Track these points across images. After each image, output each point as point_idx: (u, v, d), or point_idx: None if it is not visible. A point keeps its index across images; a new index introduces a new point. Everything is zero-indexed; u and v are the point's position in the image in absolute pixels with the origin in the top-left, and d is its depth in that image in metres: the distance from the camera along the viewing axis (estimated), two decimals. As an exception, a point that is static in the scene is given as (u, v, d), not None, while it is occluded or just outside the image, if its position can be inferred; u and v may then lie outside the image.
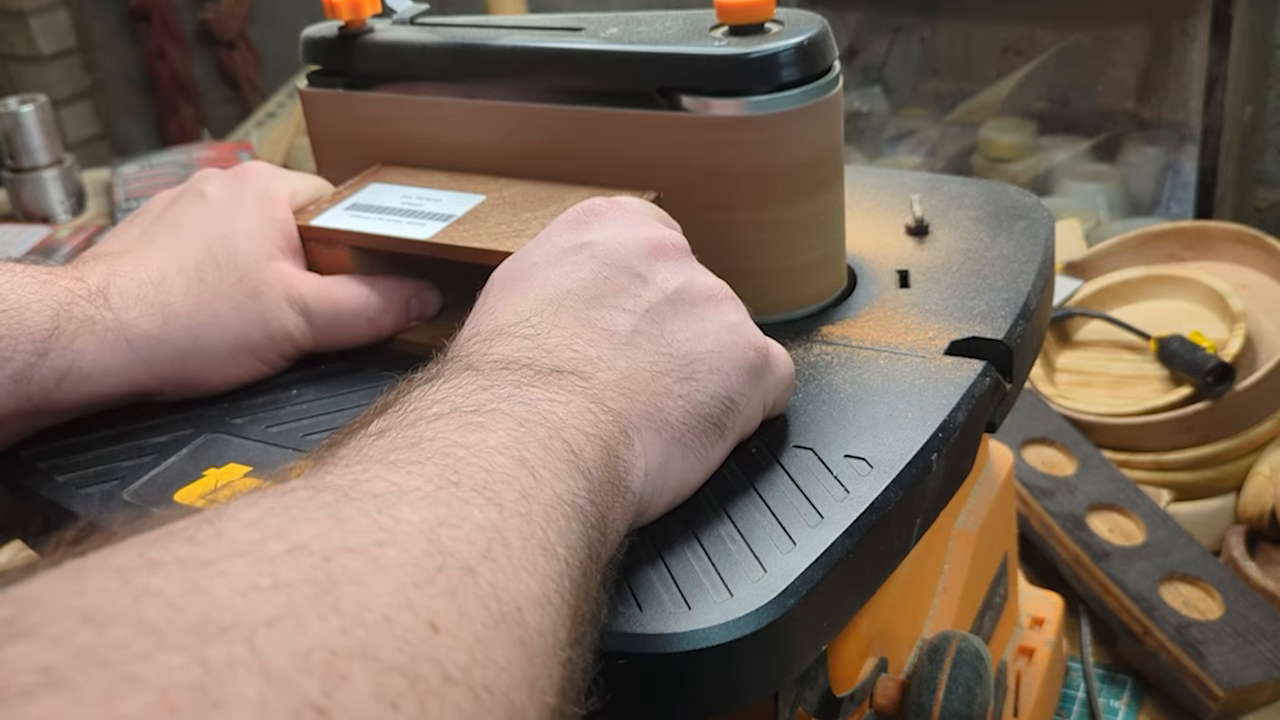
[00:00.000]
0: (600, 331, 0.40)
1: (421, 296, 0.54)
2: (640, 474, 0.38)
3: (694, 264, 0.44)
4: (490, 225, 0.52)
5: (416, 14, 0.61)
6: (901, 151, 1.88)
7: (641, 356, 0.40)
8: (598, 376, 0.38)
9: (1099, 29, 1.77)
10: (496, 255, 0.50)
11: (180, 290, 0.49)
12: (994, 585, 0.64)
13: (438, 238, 0.52)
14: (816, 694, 0.45)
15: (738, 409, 0.41)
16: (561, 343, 0.39)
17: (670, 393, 0.39)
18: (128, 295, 0.49)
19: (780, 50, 0.50)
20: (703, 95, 0.51)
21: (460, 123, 0.57)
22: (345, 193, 0.57)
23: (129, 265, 0.50)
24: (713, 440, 0.41)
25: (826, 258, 0.54)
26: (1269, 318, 0.91)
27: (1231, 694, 0.69)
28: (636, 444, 0.38)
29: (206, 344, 0.50)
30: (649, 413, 0.39)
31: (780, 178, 0.51)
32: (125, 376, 0.48)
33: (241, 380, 0.52)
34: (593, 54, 0.53)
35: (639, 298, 0.41)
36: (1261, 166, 1.68)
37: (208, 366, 0.50)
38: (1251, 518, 0.83)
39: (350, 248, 0.54)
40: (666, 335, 0.41)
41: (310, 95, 0.61)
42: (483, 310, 0.42)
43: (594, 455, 0.35)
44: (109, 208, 1.40)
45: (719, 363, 0.41)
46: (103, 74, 2.68)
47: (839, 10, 1.91)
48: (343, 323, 0.52)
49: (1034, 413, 0.88)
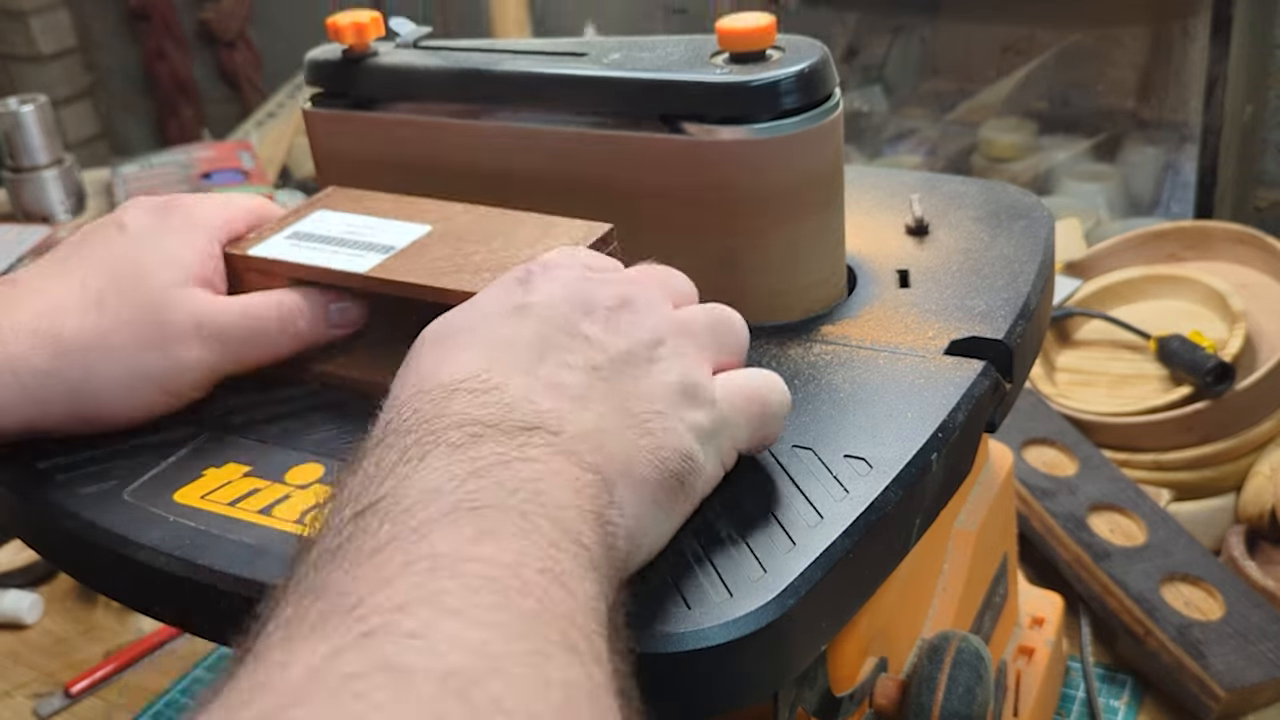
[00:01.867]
0: (553, 386, 0.38)
1: (341, 305, 0.52)
2: (624, 536, 0.36)
3: (647, 314, 0.42)
4: (428, 259, 0.50)
5: (420, 37, 0.61)
6: (901, 151, 1.87)
7: (601, 408, 0.38)
8: (565, 430, 0.37)
9: (1099, 29, 1.77)
10: (431, 290, 0.49)
11: (75, 321, 0.47)
12: (994, 585, 0.64)
13: (375, 271, 0.50)
14: (816, 694, 0.45)
15: (697, 469, 0.39)
16: (520, 397, 0.37)
17: (637, 446, 0.38)
18: (19, 327, 0.47)
19: (781, 79, 0.50)
20: (705, 122, 0.51)
21: (463, 145, 0.57)
22: (290, 219, 0.55)
23: (27, 297, 0.48)
24: (679, 499, 0.39)
25: (827, 278, 0.54)
26: (1269, 318, 0.91)
27: (1233, 695, 0.69)
28: (616, 502, 0.36)
29: (99, 375, 0.47)
30: (625, 470, 0.37)
31: (781, 202, 0.52)
32: (16, 415, 0.47)
33: (150, 413, 0.49)
34: (596, 81, 0.54)
35: (585, 355, 0.39)
36: (1261, 166, 1.68)
37: (105, 400, 0.48)
38: (1251, 517, 0.83)
39: (287, 279, 0.52)
40: (619, 391, 0.39)
41: (314, 116, 0.61)
42: (418, 368, 0.39)
43: (594, 537, 0.34)
44: (109, 208, 1.39)
45: (669, 422, 0.39)
46: (103, 74, 2.68)
47: (839, 10, 1.91)
48: (254, 330, 0.49)
49: (1035, 413, 0.88)
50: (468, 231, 0.52)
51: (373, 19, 0.59)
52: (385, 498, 0.33)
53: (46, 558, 0.54)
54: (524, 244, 0.50)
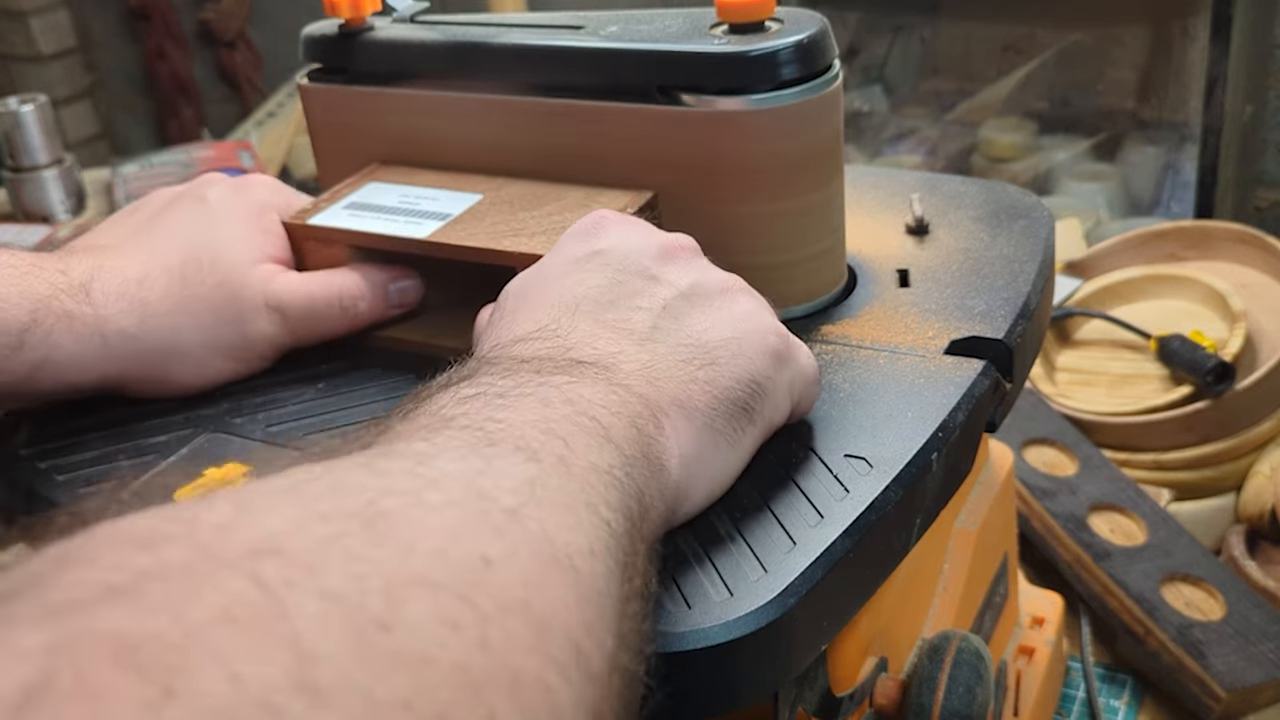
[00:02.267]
0: (619, 330, 0.40)
1: (401, 285, 0.54)
2: (675, 458, 0.38)
3: (705, 262, 0.45)
4: (487, 224, 0.52)
5: (417, 12, 0.61)
6: (901, 151, 1.88)
7: (662, 349, 0.40)
8: (621, 367, 0.39)
9: (1099, 29, 1.77)
10: (494, 254, 0.50)
11: (161, 290, 0.50)
12: (994, 585, 0.64)
13: (435, 236, 0.52)
14: (816, 694, 0.45)
15: (764, 393, 0.41)
16: (582, 341, 0.39)
17: (695, 379, 0.39)
18: (109, 291, 0.49)
19: (780, 49, 0.50)
20: (703, 93, 0.51)
21: (460, 118, 0.57)
22: (343, 191, 0.57)
23: (115, 261, 0.50)
24: (743, 426, 0.40)
25: (826, 252, 0.54)
26: (1269, 317, 0.91)
27: (1234, 695, 0.69)
28: (667, 428, 0.38)
29: (181, 344, 0.50)
30: (677, 399, 0.39)
31: (780, 173, 0.51)
32: (96, 370, 0.49)
33: (214, 381, 0.52)
34: (593, 52, 0.54)
35: (654, 296, 0.42)
36: (1261, 166, 1.68)
37: (180, 366, 0.51)
38: (1251, 517, 0.83)
39: (348, 247, 0.54)
40: (685, 328, 0.41)
41: (310, 90, 0.61)
42: (500, 324, 0.42)
43: (623, 431, 0.35)
44: (109, 207, 1.39)
45: (741, 348, 0.41)
46: (103, 74, 2.68)
47: (839, 9, 1.91)
48: (318, 314, 0.52)
49: (1035, 413, 0.88)
50: (518, 199, 0.54)
51: (369, -7, 0.59)
52: (418, 398, 0.36)
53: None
54: (574, 208, 0.52)
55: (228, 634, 0.21)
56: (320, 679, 0.21)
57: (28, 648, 0.20)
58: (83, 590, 0.22)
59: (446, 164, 0.58)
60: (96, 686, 0.19)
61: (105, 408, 0.51)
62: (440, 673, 0.23)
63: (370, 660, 0.22)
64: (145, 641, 0.21)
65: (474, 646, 0.24)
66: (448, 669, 0.23)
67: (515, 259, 0.49)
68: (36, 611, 0.21)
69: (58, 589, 0.22)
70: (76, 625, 0.21)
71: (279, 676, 0.21)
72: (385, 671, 0.22)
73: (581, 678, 0.27)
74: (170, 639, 0.21)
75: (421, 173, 0.58)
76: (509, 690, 0.24)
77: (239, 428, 0.50)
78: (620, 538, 0.32)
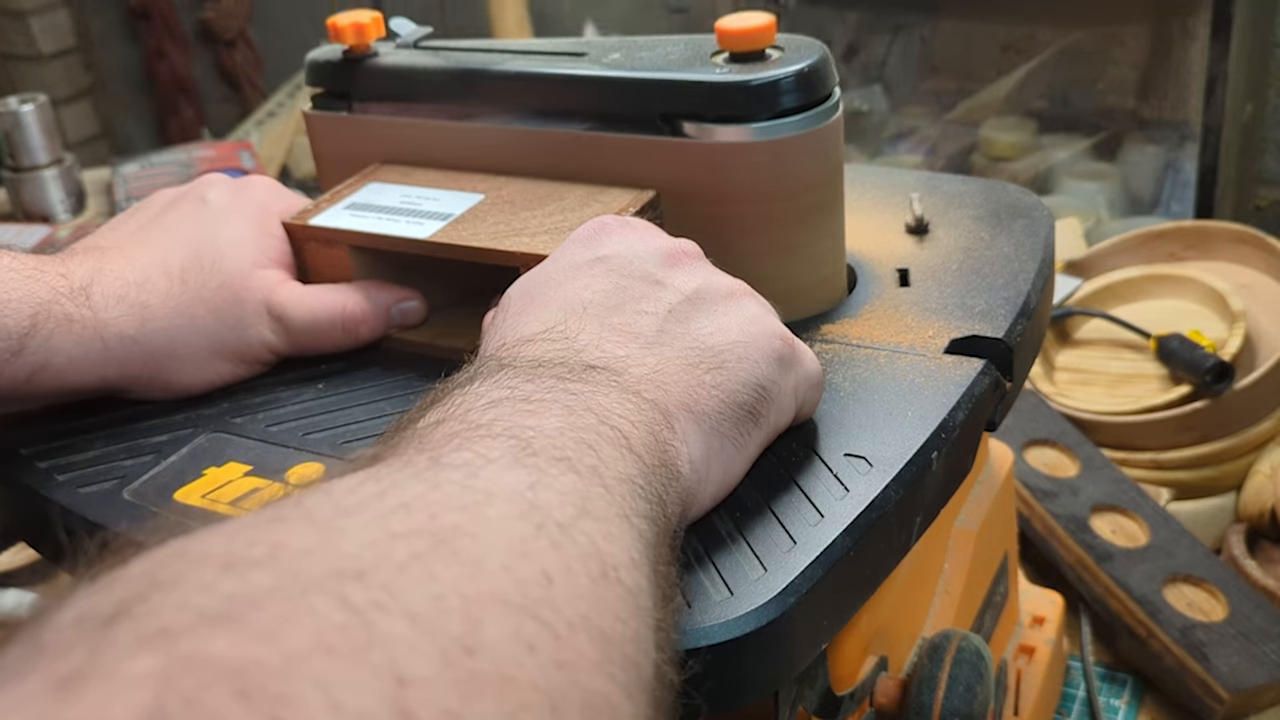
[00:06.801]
0: (626, 334, 0.40)
1: (404, 306, 0.54)
2: (686, 461, 0.38)
3: (709, 266, 0.45)
4: (489, 224, 0.52)
5: (420, 38, 0.61)
6: (901, 150, 1.87)
7: (669, 353, 0.40)
8: (630, 372, 0.39)
9: (1099, 28, 1.77)
10: (497, 254, 0.50)
11: (162, 292, 0.50)
12: (994, 584, 0.64)
13: (436, 237, 0.52)
14: (816, 693, 0.45)
15: (770, 397, 0.41)
16: (590, 344, 0.40)
17: (702, 383, 0.40)
18: (109, 294, 0.49)
19: (781, 78, 0.50)
20: (704, 121, 0.51)
21: (463, 145, 0.57)
22: (344, 192, 0.57)
23: (115, 263, 0.50)
24: (749, 429, 0.41)
25: (827, 278, 0.54)
26: (1269, 317, 0.91)
27: (1236, 696, 0.68)
28: (678, 431, 0.38)
29: (181, 347, 0.50)
30: (685, 403, 0.39)
31: (781, 201, 0.52)
32: (96, 374, 0.49)
33: (214, 383, 0.52)
34: (595, 80, 0.54)
35: (659, 301, 0.42)
36: (1261, 165, 1.68)
37: (180, 368, 0.51)
38: (1251, 516, 0.83)
39: (349, 247, 0.54)
40: (691, 331, 0.41)
41: (315, 118, 0.61)
42: (504, 324, 0.42)
43: (642, 440, 0.36)
44: (109, 207, 1.39)
45: (746, 351, 0.41)
46: (103, 73, 2.68)
47: (839, 9, 1.91)
48: (319, 331, 0.52)
49: (1036, 414, 0.88)
50: (519, 198, 0.54)
51: (373, 19, 0.59)
52: (439, 402, 0.36)
53: (47, 557, 0.54)
54: (575, 207, 0.52)
55: (325, 661, 0.21)
56: (414, 705, 0.22)
57: (140, 674, 0.20)
58: (183, 616, 0.22)
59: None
60: (212, 715, 0.20)
61: (105, 408, 0.51)
62: (521, 694, 0.23)
63: (459, 684, 0.23)
64: (250, 669, 0.21)
65: (551, 666, 0.25)
66: (528, 690, 0.24)
67: (518, 259, 0.49)
68: (140, 636, 0.21)
69: (157, 613, 0.22)
70: (185, 651, 0.21)
71: (376, 704, 0.21)
72: (473, 695, 0.23)
73: (639, 692, 0.27)
74: (273, 666, 0.21)
75: (422, 172, 0.58)
76: (581, 710, 0.25)
77: (239, 428, 0.50)
78: (652, 547, 0.32)
